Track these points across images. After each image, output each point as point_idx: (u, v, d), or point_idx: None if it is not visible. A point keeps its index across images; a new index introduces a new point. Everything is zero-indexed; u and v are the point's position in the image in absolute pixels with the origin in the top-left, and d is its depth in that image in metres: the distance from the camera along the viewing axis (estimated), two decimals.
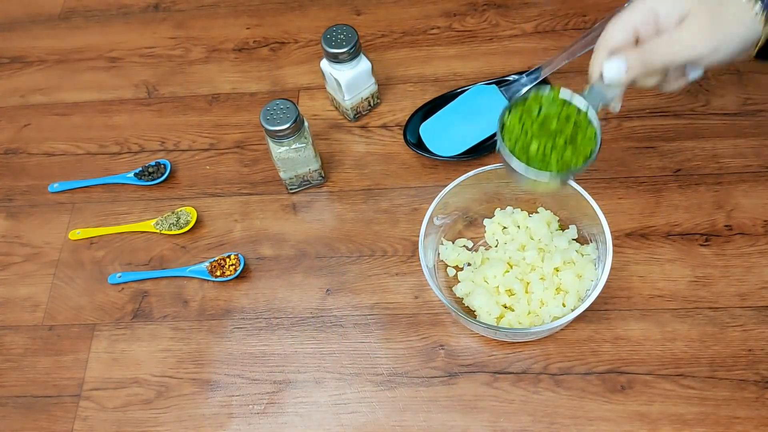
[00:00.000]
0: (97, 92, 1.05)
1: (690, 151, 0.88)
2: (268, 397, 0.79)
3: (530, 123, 0.68)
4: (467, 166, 0.86)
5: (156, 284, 0.88)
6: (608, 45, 0.68)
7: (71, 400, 0.81)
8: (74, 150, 1.00)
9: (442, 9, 1.05)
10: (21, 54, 1.11)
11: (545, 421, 0.74)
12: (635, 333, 0.78)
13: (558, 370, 0.77)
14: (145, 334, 0.84)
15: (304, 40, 1.06)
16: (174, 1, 1.13)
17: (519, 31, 1.01)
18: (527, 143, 0.68)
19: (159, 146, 0.99)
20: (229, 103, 1.01)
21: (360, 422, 0.77)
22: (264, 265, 0.87)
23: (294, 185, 0.91)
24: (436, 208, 0.78)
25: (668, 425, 0.73)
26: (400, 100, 0.98)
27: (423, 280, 0.83)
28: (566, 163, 0.67)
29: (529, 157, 0.67)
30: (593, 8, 1.02)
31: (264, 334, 0.83)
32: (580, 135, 0.68)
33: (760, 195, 0.84)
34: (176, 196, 0.94)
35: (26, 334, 0.86)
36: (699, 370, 0.75)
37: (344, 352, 0.81)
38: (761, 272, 0.79)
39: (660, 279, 0.80)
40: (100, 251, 0.91)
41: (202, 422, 0.79)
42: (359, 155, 0.94)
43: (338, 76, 0.90)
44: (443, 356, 0.79)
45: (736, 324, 0.77)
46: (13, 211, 0.96)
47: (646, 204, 0.85)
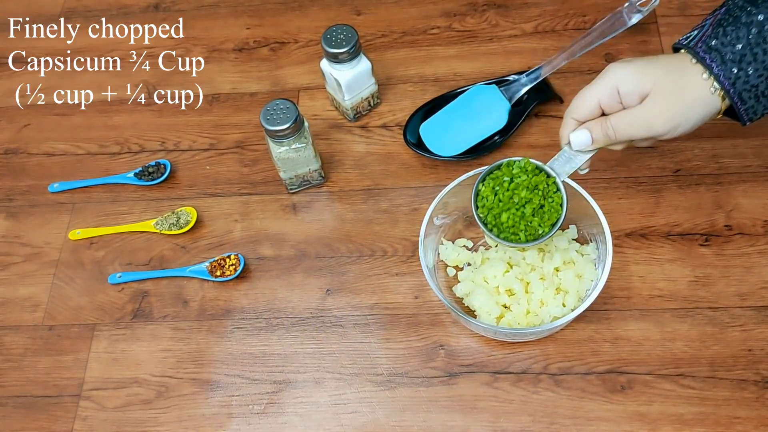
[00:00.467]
0: (97, 92, 1.05)
1: (690, 151, 0.88)
2: (268, 397, 0.79)
3: (502, 193, 0.73)
4: (467, 166, 0.86)
5: (156, 284, 0.88)
6: (574, 116, 0.72)
7: (71, 400, 0.82)
8: (74, 150, 1.00)
9: (442, 9, 1.05)
10: (21, 54, 1.11)
11: (545, 421, 0.74)
12: (635, 333, 0.78)
13: (558, 370, 0.77)
14: (145, 334, 0.84)
15: (304, 40, 1.06)
16: (174, 1, 1.13)
17: (519, 31, 1.01)
18: (498, 214, 0.73)
19: (159, 146, 0.99)
20: (229, 103, 1.01)
21: (360, 422, 0.77)
22: (264, 265, 0.87)
23: (294, 185, 0.91)
24: (436, 208, 0.78)
25: (668, 425, 0.73)
26: (400, 100, 0.98)
27: (423, 280, 0.83)
28: (533, 232, 0.73)
29: (501, 226, 0.73)
30: (593, 8, 1.02)
31: (264, 334, 0.83)
32: (547, 205, 0.73)
33: (760, 195, 0.84)
34: (176, 196, 0.94)
35: (26, 334, 0.86)
36: (699, 370, 0.75)
37: (344, 352, 0.81)
38: (761, 272, 0.79)
39: (660, 279, 0.80)
40: (100, 251, 0.91)
41: (202, 422, 0.79)
42: (359, 155, 0.94)
43: (338, 76, 0.90)
44: (443, 356, 0.79)
45: (736, 324, 0.77)
46: (13, 211, 0.96)
47: (646, 204, 0.85)
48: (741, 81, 0.67)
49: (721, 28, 0.67)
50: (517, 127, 0.91)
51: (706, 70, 0.67)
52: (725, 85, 0.67)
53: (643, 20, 0.88)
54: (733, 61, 0.66)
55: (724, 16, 0.68)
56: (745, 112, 0.69)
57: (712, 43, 0.67)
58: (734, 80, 0.67)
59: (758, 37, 0.66)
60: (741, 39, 0.66)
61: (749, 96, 0.68)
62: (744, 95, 0.68)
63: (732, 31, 0.67)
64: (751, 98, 0.68)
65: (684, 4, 0.99)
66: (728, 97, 0.68)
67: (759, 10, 0.66)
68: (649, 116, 0.69)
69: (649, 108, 0.68)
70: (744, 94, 0.68)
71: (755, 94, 0.68)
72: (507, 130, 0.91)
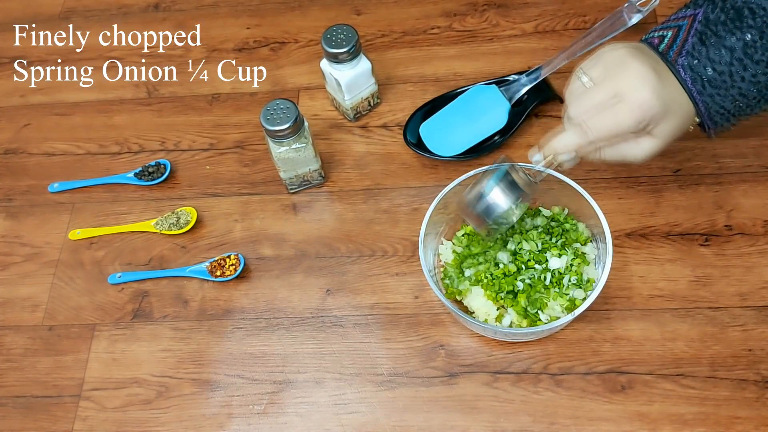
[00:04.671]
0: (97, 92, 1.05)
1: (690, 151, 0.88)
2: (269, 397, 0.79)
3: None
4: (467, 166, 0.86)
5: (156, 284, 0.88)
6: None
7: (71, 400, 0.81)
8: (74, 150, 1.00)
9: (442, 9, 1.05)
10: (21, 54, 1.11)
11: (545, 421, 0.74)
12: (635, 333, 0.78)
13: (558, 370, 0.77)
14: (145, 334, 0.84)
15: (304, 40, 1.06)
16: (174, 1, 1.13)
17: (519, 31, 1.01)
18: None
19: (159, 146, 0.99)
20: (229, 103, 1.01)
21: (360, 422, 0.77)
22: (264, 265, 0.87)
23: (294, 185, 0.91)
24: (436, 208, 0.78)
25: (668, 425, 0.73)
26: (400, 100, 0.98)
27: (423, 280, 0.83)
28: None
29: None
30: (593, 8, 1.02)
31: (264, 334, 0.83)
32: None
33: (760, 195, 0.84)
34: (176, 196, 0.94)
35: (26, 334, 0.86)
36: (699, 370, 0.75)
37: (344, 352, 0.81)
38: (761, 272, 0.79)
39: (660, 279, 0.80)
40: (100, 251, 0.91)
41: (202, 422, 0.79)
42: (359, 155, 0.94)
43: (338, 76, 0.90)
44: (443, 356, 0.79)
45: (737, 324, 0.77)
46: (13, 211, 0.96)
47: (646, 204, 0.85)
48: (717, 105, 0.68)
49: (703, 47, 0.67)
50: (517, 127, 0.91)
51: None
52: (702, 108, 0.68)
53: (643, 20, 0.88)
54: (712, 86, 0.67)
55: (705, 31, 0.67)
56: (713, 131, 0.71)
57: (694, 63, 0.67)
58: (710, 104, 0.68)
59: (740, 65, 0.66)
60: (723, 63, 0.66)
61: (721, 118, 0.69)
62: (715, 117, 0.69)
63: (715, 53, 0.66)
64: (722, 119, 0.69)
65: (682, 3, 0.99)
66: (700, 117, 0.69)
67: (742, 32, 0.65)
68: (640, 158, 0.70)
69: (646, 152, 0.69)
70: (716, 116, 0.69)
71: (726, 116, 0.69)
72: (507, 130, 0.91)
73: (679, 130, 0.69)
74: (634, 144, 0.69)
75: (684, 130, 0.70)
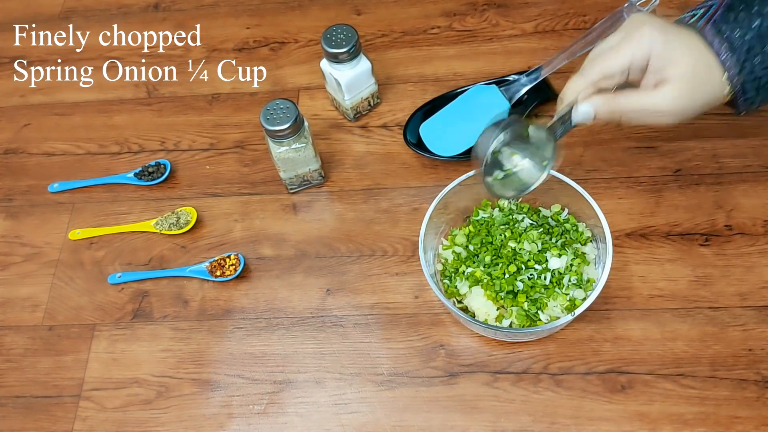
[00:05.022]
0: (97, 92, 1.05)
1: (690, 151, 0.88)
2: (269, 397, 0.79)
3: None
4: (467, 166, 0.86)
5: (156, 284, 0.88)
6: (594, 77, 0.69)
7: (71, 400, 0.81)
8: (74, 150, 1.00)
9: (442, 9, 1.05)
10: (21, 54, 1.11)
11: (545, 421, 0.74)
12: (635, 333, 0.78)
13: (558, 370, 0.77)
14: (145, 334, 0.84)
15: (304, 40, 1.06)
16: (174, 1, 1.13)
17: (519, 31, 1.01)
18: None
19: (159, 146, 0.99)
20: (229, 103, 1.01)
21: (360, 422, 0.77)
22: (264, 265, 0.87)
23: (294, 185, 0.91)
24: (436, 208, 0.78)
25: (668, 425, 0.73)
26: (400, 100, 0.98)
27: (423, 280, 0.83)
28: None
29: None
30: (593, 8, 1.02)
31: (264, 334, 0.83)
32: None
33: (760, 195, 0.84)
34: (176, 196, 0.94)
35: (26, 334, 0.86)
36: (699, 369, 0.75)
37: (344, 352, 0.81)
38: (761, 272, 0.79)
39: (660, 279, 0.80)
40: (100, 251, 0.91)
41: (202, 422, 0.79)
42: (359, 155, 0.94)
43: (338, 76, 0.90)
44: (443, 356, 0.79)
45: (737, 324, 0.77)
46: (13, 211, 0.96)
47: (646, 204, 0.85)
48: (746, 71, 0.66)
49: (732, 12, 0.66)
50: None
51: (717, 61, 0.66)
52: (731, 73, 0.66)
53: None
54: (741, 50, 0.65)
55: (734, 3, 0.66)
56: (743, 103, 0.69)
57: (722, 27, 0.66)
58: (740, 69, 0.66)
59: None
60: (753, 28, 0.65)
61: (751, 87, 0.67)
62: (747, 86, 0.67)
63: (744, 18, 0.65)
64: (752, 89, 0.68)
65: (684, 3, 0.99)
66: (731, 85, 0.67)
67: None
68: (663, 109, 0.67)
69: (668, 101, 0.66)
70: (747, 85, 0.67)
71: (756, 86, 0.67)
72: None
73: (702, 83, 0.67)
74: (654, 93, 0.67)
75: (708, 89, 0.68)
